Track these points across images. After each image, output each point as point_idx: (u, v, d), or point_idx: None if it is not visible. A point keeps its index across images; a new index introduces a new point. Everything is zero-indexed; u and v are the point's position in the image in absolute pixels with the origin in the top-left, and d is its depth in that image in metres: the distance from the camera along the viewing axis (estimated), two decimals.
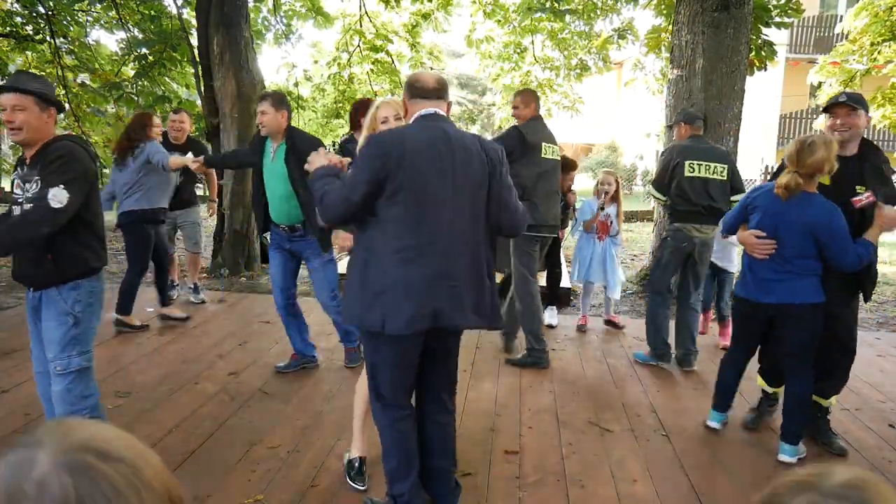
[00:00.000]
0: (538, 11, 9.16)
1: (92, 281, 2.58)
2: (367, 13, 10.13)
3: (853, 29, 9.42)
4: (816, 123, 3.68)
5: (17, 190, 2.51)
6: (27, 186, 2.45)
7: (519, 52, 10.87)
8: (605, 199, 5.22)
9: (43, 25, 8.16)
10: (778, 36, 7.85)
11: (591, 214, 5.27)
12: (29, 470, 0.60)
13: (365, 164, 2.19)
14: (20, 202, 2.47)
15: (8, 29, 8.19)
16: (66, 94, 8.68)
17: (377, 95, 10.68)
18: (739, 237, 3.22)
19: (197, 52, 7.14)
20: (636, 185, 21.82)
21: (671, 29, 6.92)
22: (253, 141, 4.08)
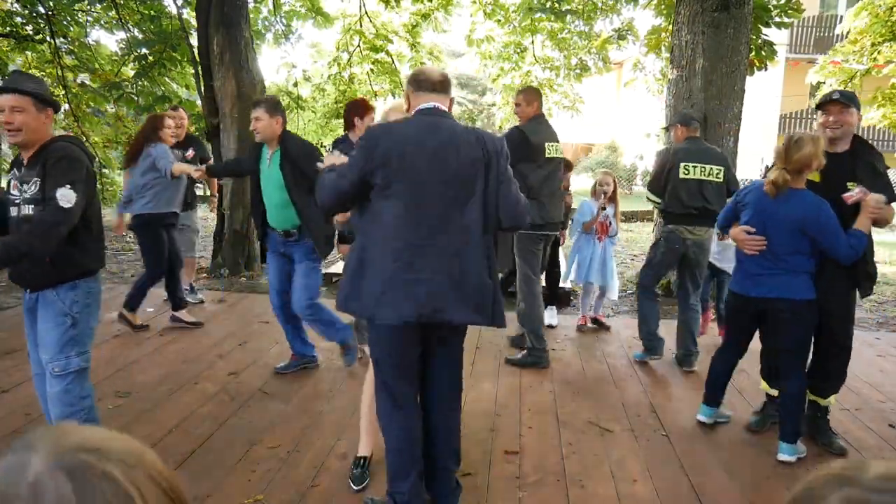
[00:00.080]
0: (538, 12, 9.17)
1: (89, 281, 2.56)
2: (367, 13, 10.13)
3: (853, 29, 9.42)
4: (817, 124, 3.64)
5: (13, 191, 2.49)
6: (25, 187, 2.44)
7: (519, 52, 10.86)
8: (604, 199, 5.21)
9: (43, 25, 8.16)
10: (778, 36, 7.85)
11: (590, 215, 5.26)
12: (22, 473, 0.58)
13: (355, 155, 2.30)
14: (17, 203, 2.46)
15: (8, 29, 8.19)
16: (65, 94, 8.68)
17: (377, 95, 10.69)
18: (731, 234, 3.25)
19: (197, 52, 7.14)
20: (636, 185, 21.82)
21: (671, 29, 6.92)
22: (251, 147, 4.08)
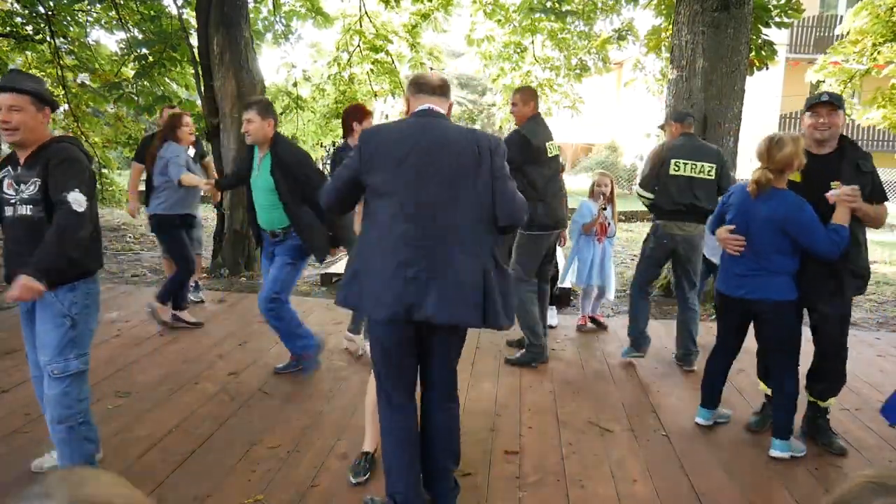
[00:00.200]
0: (539, 12, 9.17)
1: (88, 283, 2.55)
2: (366, 13, 10.13)
3: (853, 29, 9.41)
4: (805, 126, 3.62)
5: (7, 190, 2.45)
6: (23, 187, 2.41)
7: (519, 52, 10.86)
8: (603, 200, 5.21)
9: (43, 25, 8.15)
10: (778, 36, 7.85)
11: (590, 216, 5.25)
12: None
13: (352, 156, 2.39)
14: (13, 202, 2.43)
15: (8, 29, 8.19)
16: (65, 94, 8.68)
17: (377, 96, 10.68)
18: (716, 234, 3.28)
19: (197, 52, 7.13)
20: (636, 185, 21.82)
21: (671, 29, 6.92)
22: (245, 150, 4.08)
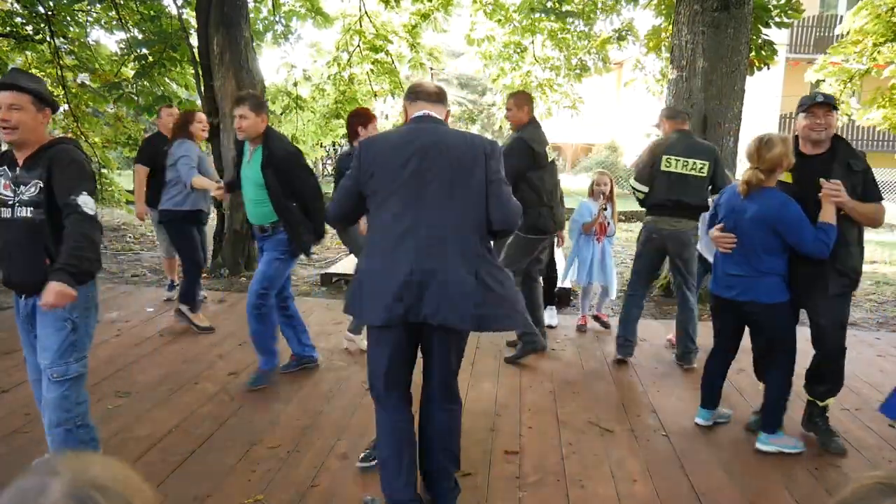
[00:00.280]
0: (539, 12, 9.17)
1: (88, 285, 2.51)
2: (366, 13, 10.13)
3: (853, 29, 9.40)
4: (800, 126, 3.59)
5: (5, 191, 2.42)
6: (23, 189, 2.38)
7: (519, 52, 10.85)
8: (603, 200, 5.21)
9: (43, 25, 8.15)
10: (778, 36, 7.85)
11: (589, 216, 5.25)
12: (39, 496, 0.67)
13: (351, 168, 2.43)
14: (11, 204, 2.40)
15: (8, 29, 8.18)
16: (65, 94, 8.68)
17: (377, 96, 10.68)
18: (710, 235, 3.31)
19: (197, 52, 7.14)
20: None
21: (671, 29, 6.92)
22: (235, 144, 4.03)
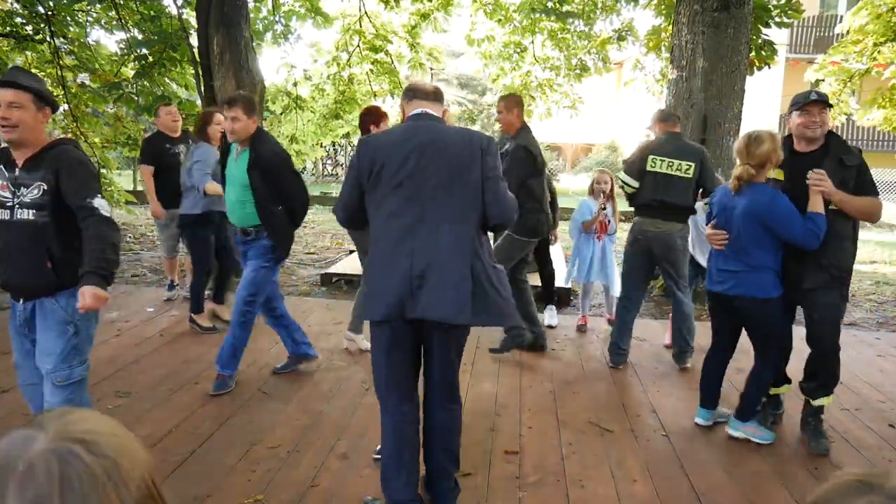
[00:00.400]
0: (539, 12, 9.17)
1: None
2: (366, 13, 10.13)
3: (853, 28, 9.40)
4: (794, 125, 3.57)
5: (3, 192, 2.37)
6: (24, 191, 2.35)
7: (519, 52, 10.85)
8: (603, 198, 5.21)
9: (43, 25, 8.14)
10: (778, 36, 7.85)
11: (590, 214, 5.26)
12: (26, 448, 0.68)
13: (350, 168, 2.44)
14: (10, 206, 2.36)
15: (8, 29, 8.18)
16: (65, 94, 8.67)
17: (376, 96, 10.67)
18: (704, 232, 3.37)
19: (197, 52, 7.13)
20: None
21: (671, 29, 6.92)
22: (221, 139, 3.99)
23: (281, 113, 10.51)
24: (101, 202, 2.34)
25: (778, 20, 7.12)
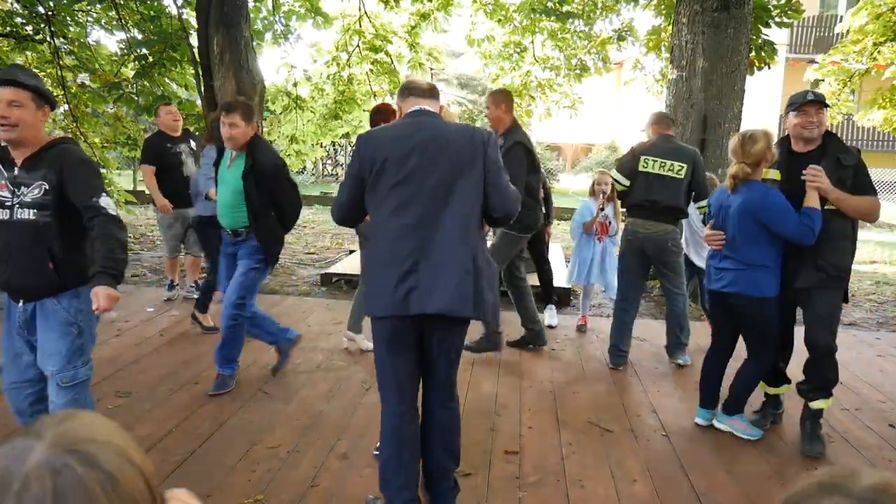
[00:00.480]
0: (540, 13, 9.18)
1: (89, 288, 2.41)
2: (366, 13, 10.13)
3: (853, 28, 9.41)
4: (791, 125, 3.55)
5: (2, 192, 2.34)
6: (24, 190, 2.32)
7: (519, 51, 10.86)
8: (602, 199, 5.20)
9: (43, 25, 8.14)
10: (778, 36, 7.86)
11: (590, 216, 5.25)
12: (22, 460, 0.66)
13: (350, 163, 2.41)
14: (9, 206, 2.33)
15: (8, 29, 8.18)
16: (65, 94, 8.66)
17: (376, 95, 10.67)
18: (702, 233, 3.41)
19: (197, 52, 7.13)
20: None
21: (671, 29, 6.92)
22: (216, 140, 3.92)
23: (281, 113, 10.51)
24: (107, 201, 2.33)
25: (778, 20, 7.13)
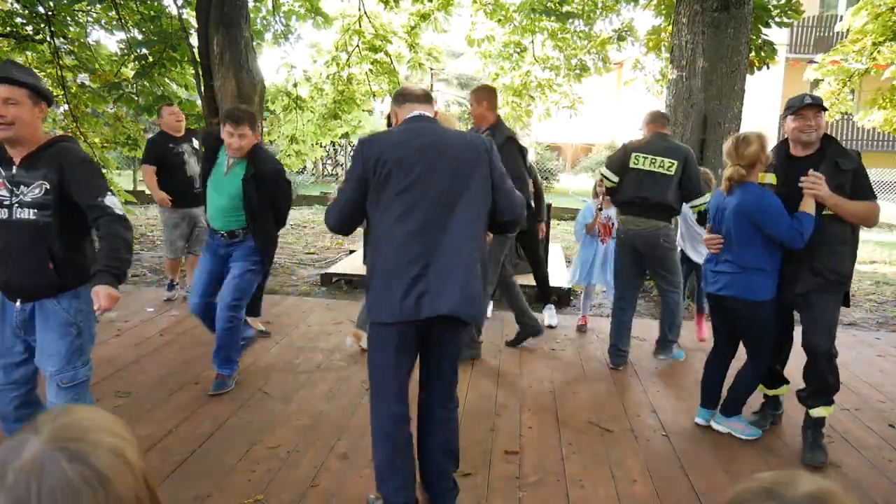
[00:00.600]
0: (540, 13, 9.18)
1: (89, 288, 2.39)
2: (366, 13, 10.12)
3: (852, 28, 9.41)
4: (790, 129, 3.52)
5: (0, 191, 2.32)
6: (24, 189, 2.30)
7: (519, 51, 10.86)
8: (601, 200, 5.18)
9: (43, 25, 8.14)
10: (778, 36, 7.86)
11: (591, 217, 5.25)
12: (17, 455, 0.68)
13: (352, 166, 2.37)
14: (7, 205, 2.31)
15: (8, 29, 8.17)
16: (64, 94, 8.66)
17: (375, 96, 10.67)
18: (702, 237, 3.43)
19: (197, 52, 7.13)
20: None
21: (671, 29, 6.92)
22: (206, 144, 3.81)
23: (281, 113, 10.51)
24: (112, 200, 2.32)
25: (778, 20, 7.13)
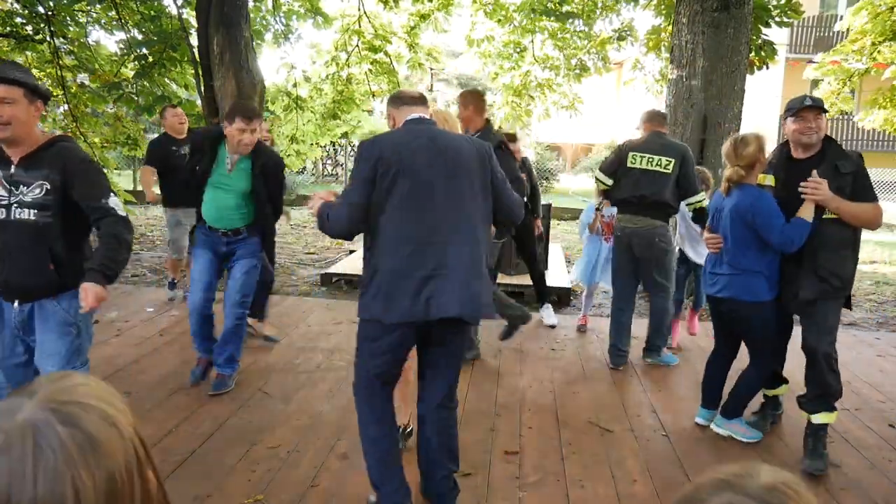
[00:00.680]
0: (540, 13, 9.18)
1: None
2: (365, 13, 10.12)
3: (852, 27, 9.41)
4: (790, 131, 3.49)
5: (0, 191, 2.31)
6: (23, 189, 2.28)
7: (519, 51, 10.86)
8: (600, 200, 5.17)
9: (43, 25, 8.14)
10: (778, 36, 7.86)
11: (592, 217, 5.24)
12: (11, 417, 0.68)
13: (358, 168, 2.32)
14: (5, 205, 2.29)
15: (8, 29, 8.17)
16: (64, 94, 8.66)
17: (375, 96, 10.67)
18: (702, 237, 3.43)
19: (197, 52, 7.13)
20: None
21: (671, 29, 6.92)
22: (203, 144, 3.68)
23: (281, 113, 10.51)
24: (115, 201, 2.34)
25: (778, 20, 7.12)
